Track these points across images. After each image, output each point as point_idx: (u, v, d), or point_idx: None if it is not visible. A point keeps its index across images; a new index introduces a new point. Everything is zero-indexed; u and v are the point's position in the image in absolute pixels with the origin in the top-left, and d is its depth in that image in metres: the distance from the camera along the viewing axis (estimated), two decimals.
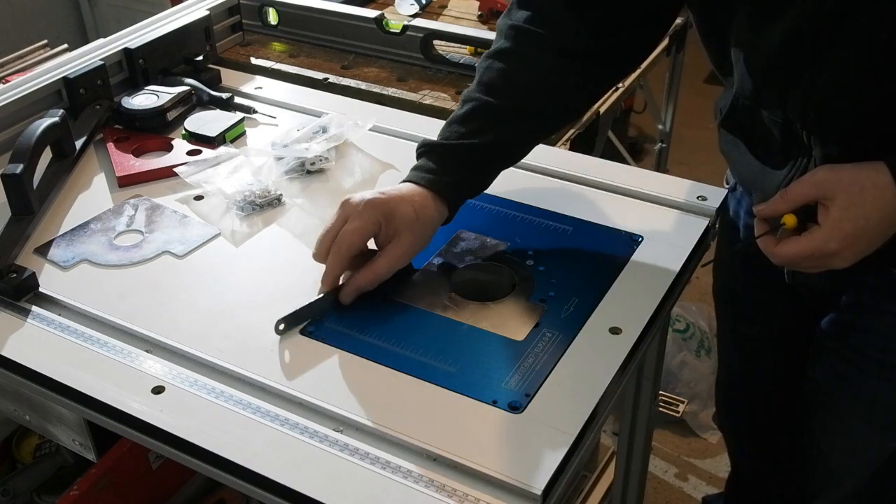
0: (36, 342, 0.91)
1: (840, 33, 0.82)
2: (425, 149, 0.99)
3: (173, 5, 1.55)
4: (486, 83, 1.00)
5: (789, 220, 0.87)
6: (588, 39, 0.99)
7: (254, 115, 1.31)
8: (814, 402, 1.12)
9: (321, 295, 0.93)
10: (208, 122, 1.26)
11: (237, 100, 1.33)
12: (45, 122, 1.13)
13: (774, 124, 0.95)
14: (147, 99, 1.28)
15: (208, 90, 1.32)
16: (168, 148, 1.23)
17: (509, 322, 0.92)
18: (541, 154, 1.15)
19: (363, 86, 1.44)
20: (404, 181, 0.98)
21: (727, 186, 1.16)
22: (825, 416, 1.11)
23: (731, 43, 0.94)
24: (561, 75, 1.00)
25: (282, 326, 0.90)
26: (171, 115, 1.27)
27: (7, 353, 0.90)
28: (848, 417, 1.07)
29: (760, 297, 1.21)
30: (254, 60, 1.53)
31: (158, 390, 0.85)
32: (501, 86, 0.99)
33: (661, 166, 2.31)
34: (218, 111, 1.30)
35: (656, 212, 1.10)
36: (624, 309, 0.93)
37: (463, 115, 0.99)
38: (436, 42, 1.49)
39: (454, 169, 0.97)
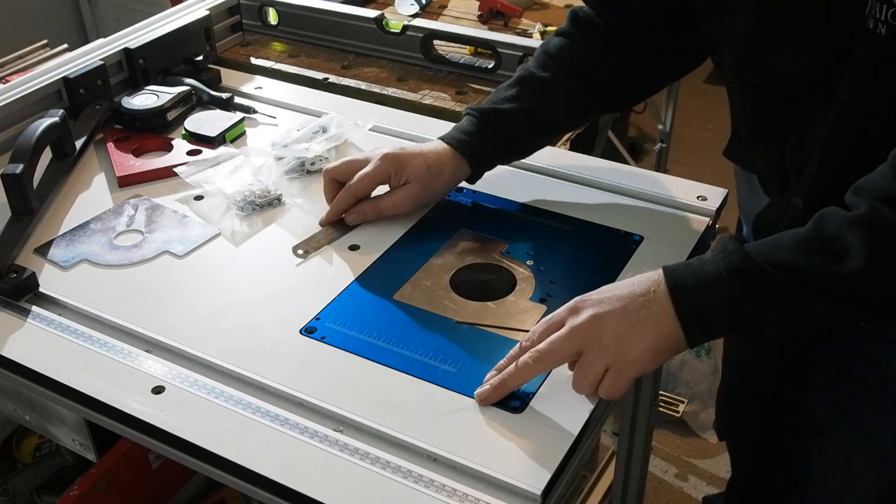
0: (36, 342, 0.91)
1: (829, 93, 0.82)
2: (468, 110, 1.08)
3: (173, 5, 1.55)
4: (537, 57, 1.09)
5: None
6: (628, 36, 1.04)
7: (254, 115, 1.31)
8: (809, 429, 1.10)
9: (321, 229, 1.06)
10: (208, 122, 1.26)
11: (237, 100, 1.33)
12: (45, 122, 1.13)
13: (767, 164, 0.97)
14: (147, 99, 1.28)
15: (208, 90, 1.32)
16: (168, 148, 1.23)
17: (509, 322, 0.92)
18: (541, 154, 1.15)
19: (363, 86, 1.44)
20: (440, 137, 1.07)
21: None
22: (820, 444, 1.08)
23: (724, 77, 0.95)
24: (602, 62, 1.06)
25: (300, 251, 1.03)
26: (171, 115, 1.27)
27: (7, 353, 0.90)
28: (845, 448, 1.04)
29: None
30: (254, 60, 1.53)
31: (158, 390, 0.85)
32: (546, 60, 1.08)
33: (661, 166, 2.31)
34: (218, 111, 1.30)
35: (656, 212, 1.09)
36: None
37: (508, 83, 1.08)
38: (436, 42, 1.49)
39: (480, 130, 1.06)
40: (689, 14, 0.98)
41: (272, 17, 1.61)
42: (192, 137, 1.24)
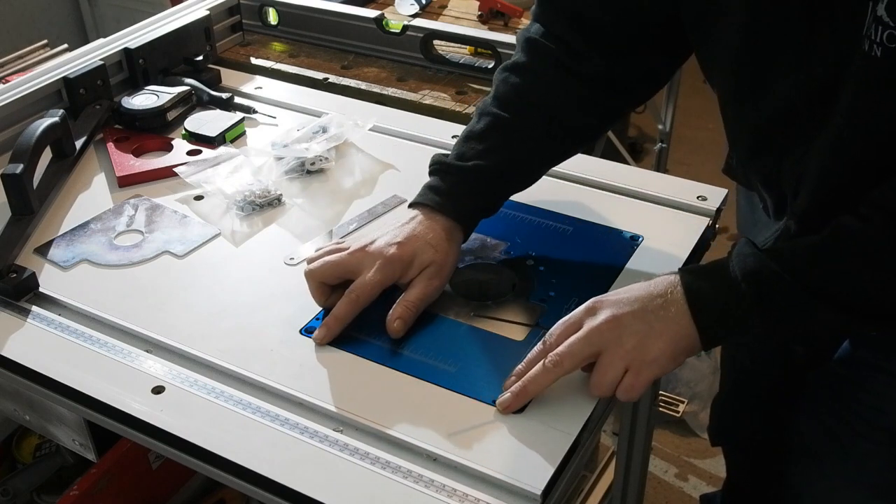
0: (36, 342, 0.91)
1: (826, 114, 0.81)
2: (440, 167, 0.98)
3: (173, 5, 1.55)
4: (502, 98, 0.99)
5: None
6: (596, 62, 0.97)
7: (254, 115, 1.31)
8: (798, 451, 1.09)
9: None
10: (208, 122, 1.26)
11: (237, 100, 1.33)
12: (45, 122, 1.13)
13: (765, 185, 0.96)
14: (147, 99, 1.28)
15: (208, 90, 1.32)
16: (168, 148, 1.23)
17: (509, 322, 0.92)
18: None
19: (363, 86, 1.44)
20: (419, 202, 0.96)
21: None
22: (808, 469, 1.07)
23: (716, 92, 0.94)
24: (571, 96, 0.99)
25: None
26: (171, 115, 1.27)
27: (7, 353, 0.90)
28: (832, 474, 1.03)
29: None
30: (254, 60, 1.53)
31: (158, 390, 0.85)
32: (516, 102, 0.98)
33: (661, 166, 2.31)
34: (218, 111, 1.30)
35: (656, 212, 1.10)
36: None
37: (480, 131, 0.98)
38: (436, 42, 1.49)
39: (471, 193, 0.97)
40: (661, 30, 0.95)
41: (272, 17, 1.61)
42: (192, 137, 1.24)
